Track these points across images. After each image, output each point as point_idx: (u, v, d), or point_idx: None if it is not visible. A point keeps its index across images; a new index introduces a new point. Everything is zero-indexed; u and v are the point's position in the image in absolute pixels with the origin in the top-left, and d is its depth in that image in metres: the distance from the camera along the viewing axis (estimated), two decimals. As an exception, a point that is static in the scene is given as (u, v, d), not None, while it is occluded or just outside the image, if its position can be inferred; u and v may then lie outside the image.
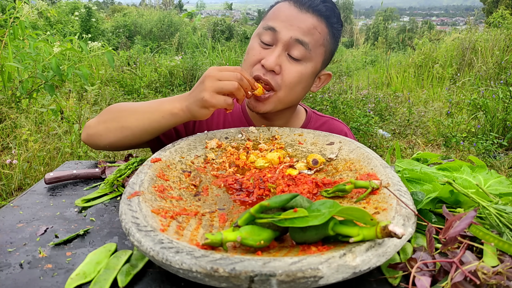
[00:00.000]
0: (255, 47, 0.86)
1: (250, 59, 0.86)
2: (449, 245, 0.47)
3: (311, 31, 0.83)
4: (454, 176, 0.68)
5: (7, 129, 2.79)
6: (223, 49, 7.38)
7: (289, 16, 0.83)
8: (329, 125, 1.03)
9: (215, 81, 0.72)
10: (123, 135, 0.81)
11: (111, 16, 14.85)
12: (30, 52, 2.55)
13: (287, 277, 0.38)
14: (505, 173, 3.02)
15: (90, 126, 0.85)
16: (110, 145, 0.83)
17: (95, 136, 0.84)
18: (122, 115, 0.82)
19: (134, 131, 0.80)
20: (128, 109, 0.83)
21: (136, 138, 0.81)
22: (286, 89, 0.85)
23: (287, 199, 0.46)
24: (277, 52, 0.83)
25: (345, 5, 27.26)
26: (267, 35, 0.84)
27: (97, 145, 0.85)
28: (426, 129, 4.16)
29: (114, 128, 0.81)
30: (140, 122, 0.79)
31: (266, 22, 0.86)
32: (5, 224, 0.61)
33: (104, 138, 0.83)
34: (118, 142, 0.82)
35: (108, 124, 0.82)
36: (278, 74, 0.84)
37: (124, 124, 0.80)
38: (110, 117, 0.83)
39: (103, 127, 0.83)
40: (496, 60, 5.87)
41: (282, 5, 0.87)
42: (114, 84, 5.29)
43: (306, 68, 0.85)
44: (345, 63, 8.45)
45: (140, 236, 0.45)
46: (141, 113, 0.80)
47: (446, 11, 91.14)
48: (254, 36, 0.89)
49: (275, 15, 0.86)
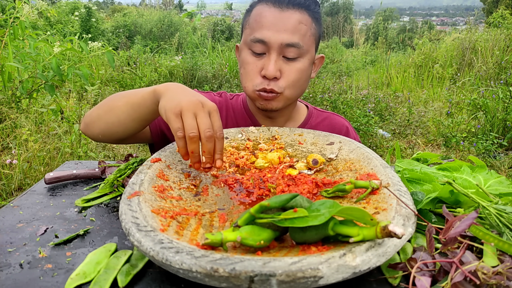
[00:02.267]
0: (249, 59, 0.87)
1: (249, 72, 0.87)
2: (449, 245, 0.47)
3: (297, 28, 0.84)
4: (454, 176, 0.68)
5: (7, 129, 2.79)
6: (223, 49, 7.38)
7: (272, 21, 0.84)
8: (330, 121, 1.04)
9: (192, 114, 0.63)
10: (111, 121, 0.79)
11: (111, 16, 14.85)
12: (30, 52, 2.55)
13: (287, 277, 0.38)
14: (505, 173, 3.02)
15: (87, 115, 0.84)
16: (102, 133, 0.81)
17: (90, 124, 0.82)
18: (113, 100, 0.80)
19: (119, 115, 0.78)
20: (120, 94, 0.81)
21: (121, 124, 0.78)
22: (291, 88, 0.87)
23: (287, 199, 0.46)
24: (273, 59, 0.84)
25: (345, 5, 27.24)
26: (258, 46, 0.85)
27: (92, 134, 0.83)
28: (426, 129, 4.16)
29: (104, 112, 0.80)
30: (124, 106, 0.77)
31: (252, 33, 0.86)
32: (5, 224, 0.61)
33: (96, 125, 0.81)
34: (108, 130, 0.80)
35: (100, 110, 0.81)
36: (280, 78, 0.86)
37: (112, 108, 0.79)
38: (103, 103, 0.82)
39: (95, 114, 0.82)
40: (496, 60, 5.87)
41: (262, 10, 0.86)
42: (114, 84, 5.29)
43: (303, 62, 0.87)
44: (345, 63, 8.45)
45: (140, 236, 0.45)
46: (127, 97, 0.78)
47: (446, 11, 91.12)
48: (243, 47, 0.90)
49: (258, 23, 0.86)
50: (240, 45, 0.93)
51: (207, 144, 0.62)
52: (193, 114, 0.62)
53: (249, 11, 0.91)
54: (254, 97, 0.88)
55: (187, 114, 0.62)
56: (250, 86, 0.87)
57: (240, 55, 0.91)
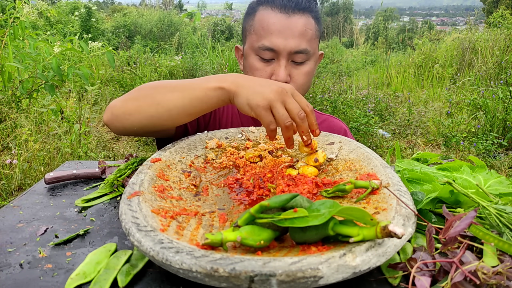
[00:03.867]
0: (258, 65, 0.89)
1: None
2: (449, 245, 0.47)
3: (304, 34, 0.86)
4: (454, 176, 0.68)
5: (7, 129, 2.79)
6: (223, 49, 7.38)
7: (280, 28, 0.85)
8: (328, 123, 1.07)
9: (281, 104, 0.64)
10: (158, 114, 0.72)
11: (111, 16, 14.85)
12: (30, 52, 2.55)
13: (287, 277, 0.38)
14: (505, 173, 3.02)
15: (115, 105, 0.75)
16: (140, 126, 0.74)
17: (122, 116, 0.74)
18: (158, 91, 0.73)
19: (171, 109, 0.71)
20: (166, 86, 0.74)
21: (172, 119, 0.73)
22: (299, 90, 0.90)
23: (287, 199, 0.46)
24: (283, 65, 0.86)
25: (345, 5, 27.24)
26: (267, 54, 0.87)
27: (123, 127, 0.75)
28: (426, 129, 4.16)
29: (148, 105, 0.72)
30: (179, 100, 0.71)
31: (260, 40, 0.87)
32: (5, 224, 0.61)
33: (134, 118, 0.73)
34: (149, 124, 0.74)
35: (141, 102, 0.73)
36: (289, 82, 0.88)
37: (160, 101, 0.72)
38: (143, 94, 0.74)
39: (133, 105, 0.73)
40: (496, 60, 5.87)
41: (268, 15, 0.87)
42: (114, 84, 5.29)
43: (310, 65, 0.91)
44: (345, 63, 8.45)
45: (140, 236, 0.45)
46: (181, 90, 0.72)
47: (446, 11, 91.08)
48: (249, 52, 0.90)
49: (266, 30, 0.86)
50: (245, 50, 0.93)
51: (303, 125, 0.65)
52: (281, 103, 0.64)
53: (251, 14, 0.91)
54: None
55: (277, 105, 0.64)
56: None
57: (247, 60, 0.92)
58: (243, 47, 0.97)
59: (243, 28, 0.96)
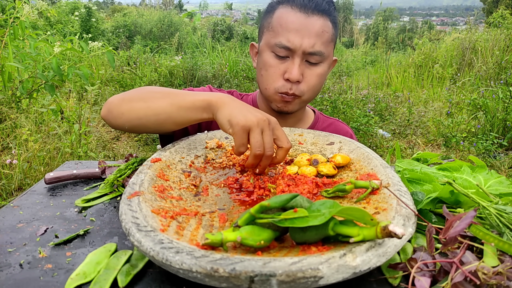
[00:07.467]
0: (272, 62, 0.89)
1: (272, 75, 0.89)
2: (449, 245, 0.47)
3: (320, 35, 0.86)
4: (454, 176, 0.68)
5: (7, 129, 2.79)
6: (223, 49, 7.38)
7: (298, 27, 0.85)
8: (335, 126, 1.08)
9: (260, 131, 0.66)
10: (146, 117, 0.75)
11: (111, 16, 14.84)
12: (30, 52, 2.55)
13: (287, 277, 0.38)
14: (505, 173, 3.02)
15: (112, 102, 0.79)
16: (130, 126, 0.77)
17: (116, 114, 0.78)
18: (152, 95, 0.76)
19: (158, 114, 0.74)
20: (161, 92, 0.77)
21: (159, 123, 0.75)
22: (310, 92, 0.91)
23: (287, 199, 0.46)
24: (297, 63, 0.86)
25: (345, 5, 27.25)
26: (282, 51, 0.87)
27: (116, 123, 0.79)
28: (426, 129, 4.16)
29: (139, 107, 0.75)
30: (168, 106, 0.73)
31: (277, 37, 0.87)
32: (5, 224, 0.61)
33: (125, 117, 0.76)
34: (139, 125, 0.76)
35: (134, 103, 0.76)
36: (301, 82, 0.88)
37: (151, 105, 0.75)
38: (138, 95, 0.78)
39: (127, 105, 0.77)
40: (496, 60, 5.87)
41: (287, 13, 0.87)
42: (114, 84, 5.29)
43: (323, 67, 0.91)
44: (345, 63, 8.45)
45: (140, 236, 0.45)
46: (172, 98, 0.74)
47: (446, 11, 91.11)
48: (264, 49, 0.91)
49: (283, 27, 0.86)
50: (261, 47, 0.93)
51: (265, 161, 0.67)
52: (260, 131, 0.65)
53: (270, 12, 0.92)
54: (275, 99, 0.91)
55: (256, 130, 0.65)
56: (272, 88, 0.90)
57: (261, 56, 0.92)
58: (259, 44, 0.97)
59: (261, 25, 0.96)
